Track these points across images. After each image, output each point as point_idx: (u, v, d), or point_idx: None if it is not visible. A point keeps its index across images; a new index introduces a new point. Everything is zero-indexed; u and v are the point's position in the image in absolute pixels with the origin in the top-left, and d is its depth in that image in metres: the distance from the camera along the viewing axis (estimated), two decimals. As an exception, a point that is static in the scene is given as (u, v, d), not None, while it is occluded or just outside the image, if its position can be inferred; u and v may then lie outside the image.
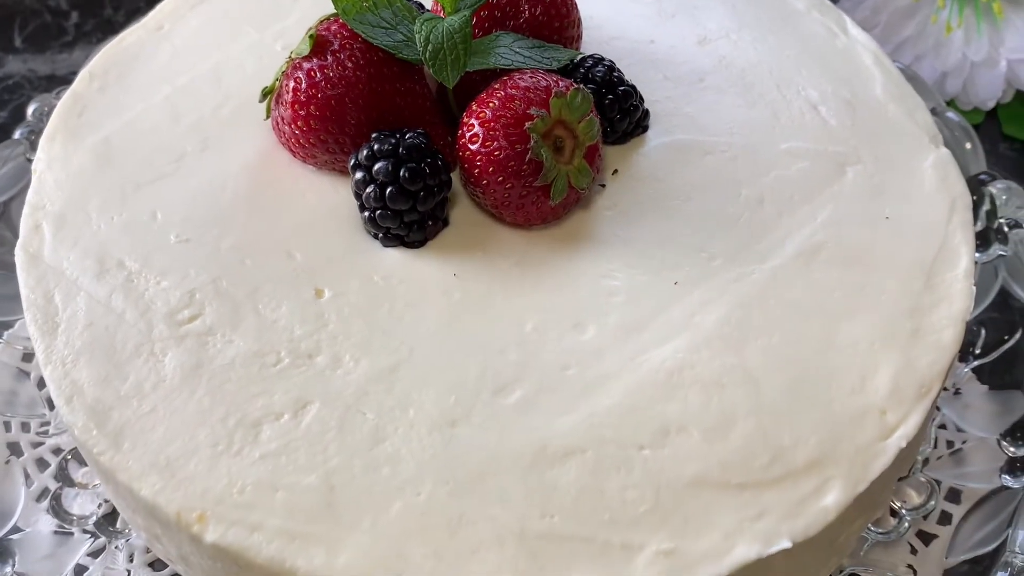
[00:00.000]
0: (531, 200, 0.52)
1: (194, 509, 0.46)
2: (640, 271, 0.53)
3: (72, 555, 0.59)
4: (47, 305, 0.53)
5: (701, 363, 0.50)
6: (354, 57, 0.53)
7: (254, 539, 0.45)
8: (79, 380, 0.50)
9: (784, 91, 0.63)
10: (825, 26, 0.68)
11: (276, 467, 0.47)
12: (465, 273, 0.53)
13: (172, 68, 0.64)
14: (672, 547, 0.45)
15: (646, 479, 0.47)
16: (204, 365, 0.50)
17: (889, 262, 0.55)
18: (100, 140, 0.60)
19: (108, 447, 0.48)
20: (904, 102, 0.63)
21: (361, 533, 0.45)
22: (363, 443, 0.47)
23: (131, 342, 0.51)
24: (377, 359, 0.50)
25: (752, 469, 0.47)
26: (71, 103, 0.62)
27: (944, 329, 0.52)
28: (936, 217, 0.57)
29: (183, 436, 0.48)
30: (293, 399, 0.49)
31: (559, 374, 0.50)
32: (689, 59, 0.64)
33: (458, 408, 0.48)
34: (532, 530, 0.45)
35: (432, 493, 0.46)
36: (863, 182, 0.58)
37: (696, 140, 0.59)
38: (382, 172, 0.52)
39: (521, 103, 0.51)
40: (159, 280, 0.53)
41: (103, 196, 0.57)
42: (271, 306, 0.52)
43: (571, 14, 0.59)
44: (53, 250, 0.55)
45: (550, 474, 0.46)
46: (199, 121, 0.60)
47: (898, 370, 0.51)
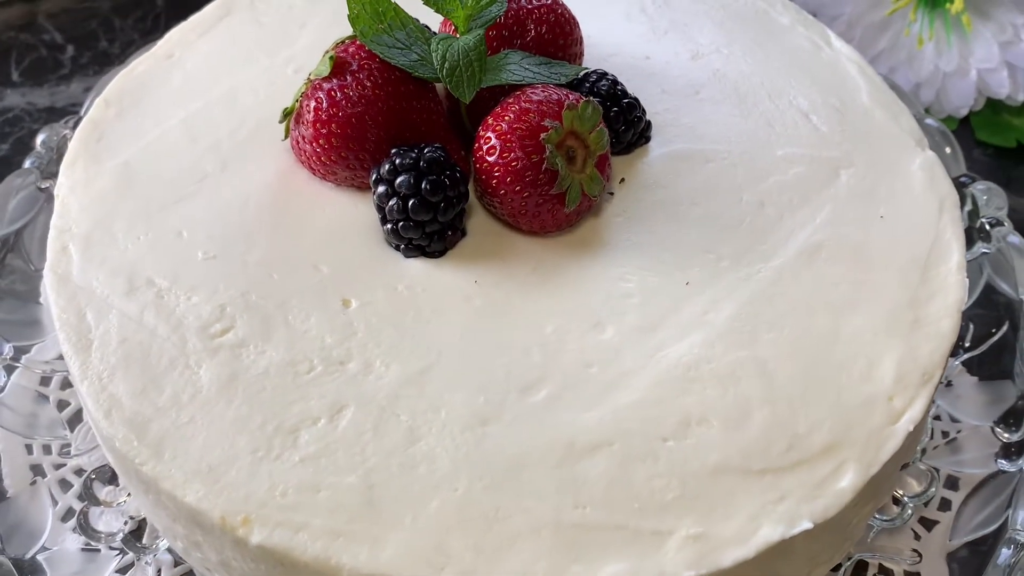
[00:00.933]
0: (547, 208, 0.55)
1: (238, 513, 0.47)
2: (652, 273, 0.56)
3: (100, 572, 0.60)
4: (79, 323, 0.54)
5: (716, 357, 0.52)
6: (372, 76, 0.56)
7: (299, 538, 0.46)
8: (116, 394, 0.51)
9: (776, 101, 0.66)
10: (809, 39, 0.71)
11: (316, 469, 0.48)
12: (485, 280, 0.55)
13: (185, 93, 0.65)
14: (701, 531, 0.47)
15: (671, 468, 0.49)
16: (239, 375, 0.52)
17: (886, 258, 0.57)
18: (120, 163, 0.61)
19: (150, 457, 0.49)
20: (889, 108, 0.66)
21: (402, 529, 0.47)
22: (399, 443, 0.49)
23: (166, 356, 0.52)
24: (407, 364, 0.52)
25: (771, 455, 0.49)
26: (90, 129, 0.63)
27: (942, 319, 0.55)
28: (927, 215, 0.60)
29: (223, 444, 0.49)
30: (328, 404, 0.50)
31: (582, 372, 0.52)
32: (684, 73, 0.67)
33: (488, 407, 0.50)
34: (566, 521, 0.47)
35: (468, 488, 0.48)
36: (856, 184, 0.61)
37: (696, 149, 0.62)
38: (404, 185, 0.54)
39: (535, 115, 0.54)
40: (189, 296, 0.55)
41: (128, 217, 0.58)
42: (300, 317, 0.54)
43: (574, 32, 0.62)
44: (82, 270, 0.56)
45: (580, 467, 0.49)
46: (217, 143, 0.62)
47: (902, 358, 0.53)
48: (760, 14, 0.73)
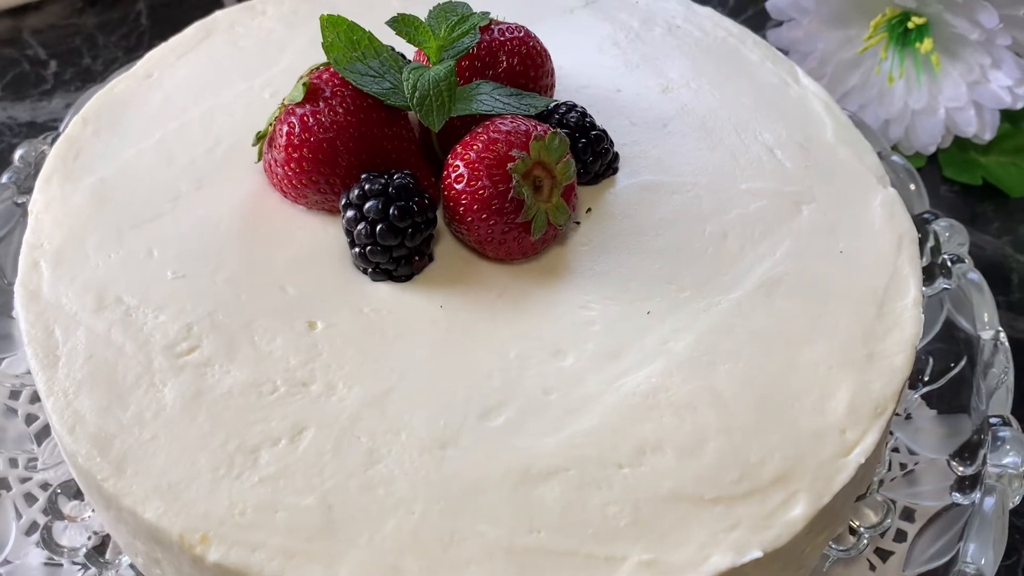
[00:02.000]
0: (512, 236, 0.56)
1: (197, 531, 0.48)
2: (615, 302, 0.57)
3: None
4: (47, 339, 0.55)
5: (674, 386, 0.53)
6: (345, 103, 0.57)
7: (256, 557, 0.47)
8: (81, 410, 0.52)
9: (742, 135, 0.67)
10: (778, 75, 0.72)
11: (275, 489, 0.49)
12: (451, 304, 0.56)
13: (164, 113, 0.66)
14: (652, 558, 0.48)
15: (625, 495, 0.50)
16: (203, 394, 0.52)
17: (844, 292, 0.59)
18: (96, 181, 0.62)
19: (111, 473, 0.50)
20: (853, 145, 0.68)
21: (359, 549, 0.47)
22: (358, 465, 0.50)
23: (131, 373, 0.53)
24: (369, 385, 0.53)
25: (723, 484, 0.50)
26: (66, 146, 0.64)
27: (896, 354, 0.56)
28: (886, 251, 0.61)
29: (184, 461, 0.50)
30: (290, 425, 0.51)
31: (542, 398, 0.53)
32: (653, 106, 0.68)
33: (447, 431, 0.51)
34: (520, 545, 0.48)
35: (425, 511, 0.48)
36: (818, 219, 0.62)
37: (662, 181, 0.63)
38: (372, 210, 0.55)
39: (503, 145, 0.55)
40: (156, 314, 0.55)
41: (100, 234, 0.59)
42: (266, 338, 0.54)
43: (545, 64, 0.63)
44: (52, 286, 0.57)
45: (536, 492, 0.49)
46: (192, 163, 0.63)
47: (855, 391, 0.54)
48: (731, 50, 0.74)
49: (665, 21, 0.76)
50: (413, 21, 0.57)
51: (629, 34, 0.74)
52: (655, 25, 0.76)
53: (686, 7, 0.78)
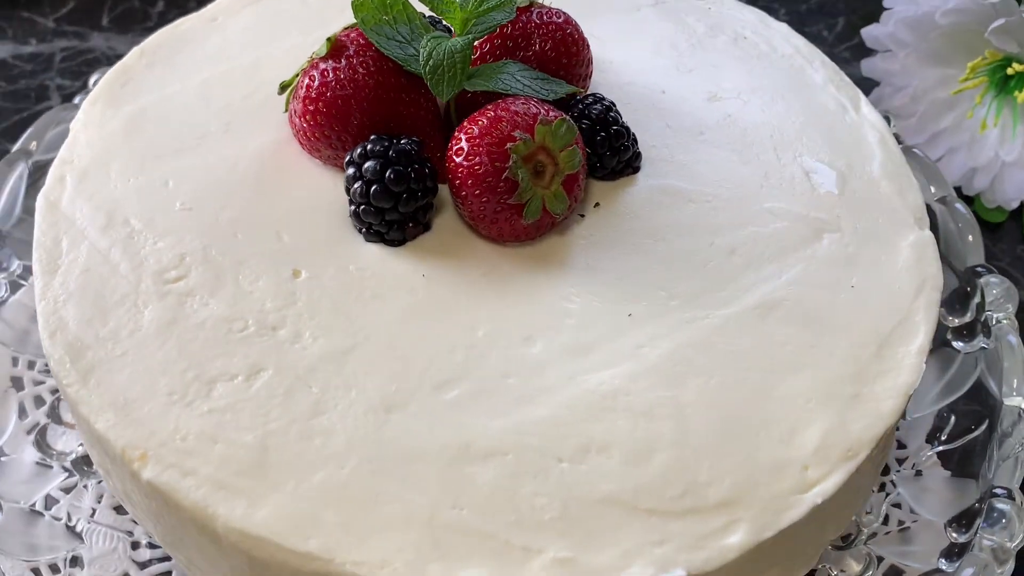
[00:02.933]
0: (504, 216, 0.56)
1: (138, 448, 0.50)
2: (599, 299, 0.56)
3: (45, 486, 0.63)
4: (54, 248, 0.58)
5: (636, 392, 0.52)
6: (365, 64, 0.57)
7: (185, 483, 0.48)
8: (65, 318, 0.54)
9: (780, 154, 0.65)
10: (838, 100, 0.69)
11: (220, 422, 0.50)
12: (434, 275, 0.56)
13: (215, 56, 0.69)
14: (570, 556, 0.47)
15: (558, 490, 0.49)
16: (178, 322, 0.54)
17: (845, 327, 0.56)
18: (135, 110, 0.65)
19: (76, 381, 0.52)
20: (897, 181, 0.64)
21: (283, 494, 0.48)
22: (303, 413, 0.51)
23: (119, 292, 0.55)
24: (334, 340, 0.53)
25: (663, 497, 0.49)
26: (118, 74, 0.67)
27: (885, 399, 0.54)
28: (903, 293, 0.58)
29: (144, 381, 0.52)
30: (249, 364, 0.52)
31: (499, 380, 0.52)
32: (694, 112, 0.67)
33: (397, 396, 0.51)
34: (440, 519, 0.48)
35: (356, 469, 0.49)
36: (837, 250, 0.60)
37: (682, 187, 0.62)
38: (370, 171, 0.55)
39: (508, 124, 0.55)
40: (156, 241, 0.57)
41: (125, 159, 0.62)
42: (251, 278, 0.56)
43: (580, 53, 0.62)
44: (71, 201, 0.60)
45: (469, 470, 0.49)
46: (227, 106, 0.65)
47: (829, 429, 0.52)
48: (795, 69, 0.72)
49: (733, 30, 0.74)
50: (432, -11, 0.57)
51: (691, 38, 0.73)
52: (721, 33, 0.74)
53: (760, 20, 0.76)
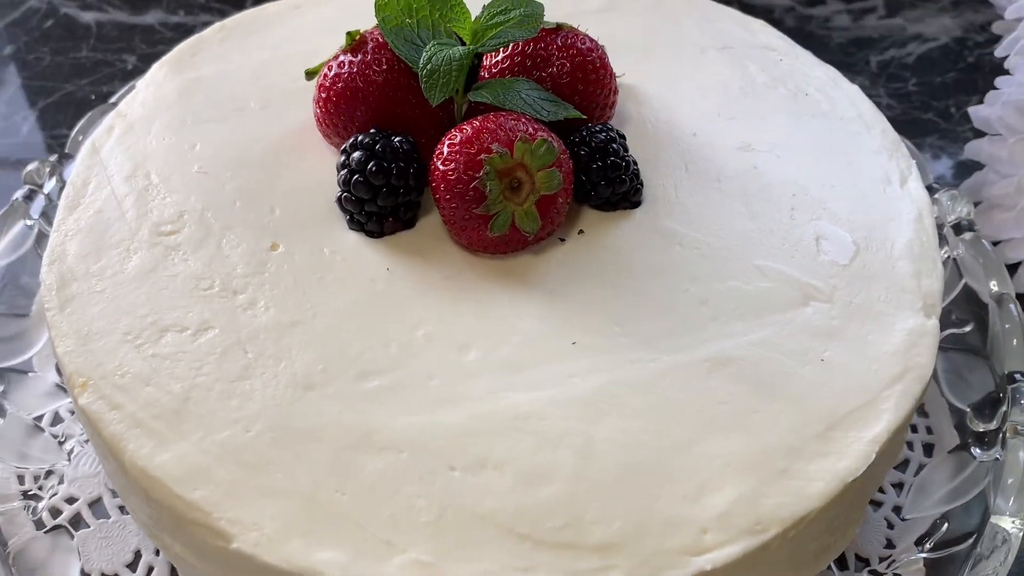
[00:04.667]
0: (472, 225, 0.56)
1: (82, 375, 0.54)
2: (548, 323, 0.55)
3: (54, 403, 0.69)
4: (82, 187, 0.63)
5: (551, 418, 0.52)
6: (378, 61, 0.60)
7: (109, 415, 0.52)
8: (67, 250, 0.60)
9: (797, 215, 0.62)
10: (885, 171, 0.66)
11: (157, 367, 0.54)
12: (398, 270, 0.58)
13: (283, 41, 0.73)
14: (430, 562, 0.47)
15: (441, 496, 0.49)
16: (156, 271, 0.58)
17: (797, 399, 0.53)
18: (194, 77, 0.70)
19: (55, 305, 0.57)
20: (918, 263, 0.60)
21: (188, 443, 0.51)
22: (230, 374, 0.53)
23: (118, 235, 0.60)
24: (284, 312, 0.56)
25: (541, 526, 0.48)
26: (193, 43, 0.73)
27: (815, 480, 0.50)
28: (876, 376, 0.55)
29: (109, 318, 0.56)
30: (201, 320, 0.56)
31: (422, 380, 0.53)
32: (719, 159, 0.65)
33: (320, 376, 0.53)
34: (320, 498, 0.49)
35: (258, 435, 0.51)
36: (819, 320, 0.57)
37: (677, 230, 0.61)
38: (355, 161, 0.58)
39: (489, 137, 0.55)
40: (166, 196, 0.62)
41: (168, 120, 0.67)
42: (233, 243, 0.59)
43: (600, 81, 0.62)
44: (110, 149, 0.65)
45: (362, 459, 0.50)
46: (271, 87, 0.69)
47: (742, 498, 0.50)
48: (850, 132, 0.69)
49: (796, 85, 0.72)
50: (451, 1, 0.59)
51: (746, 86, 0.71)
52: (782, 85, 0.71)
53: (831, 79, 0.73)
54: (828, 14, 1.09)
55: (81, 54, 1.03)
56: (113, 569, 0.62)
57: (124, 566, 0.63)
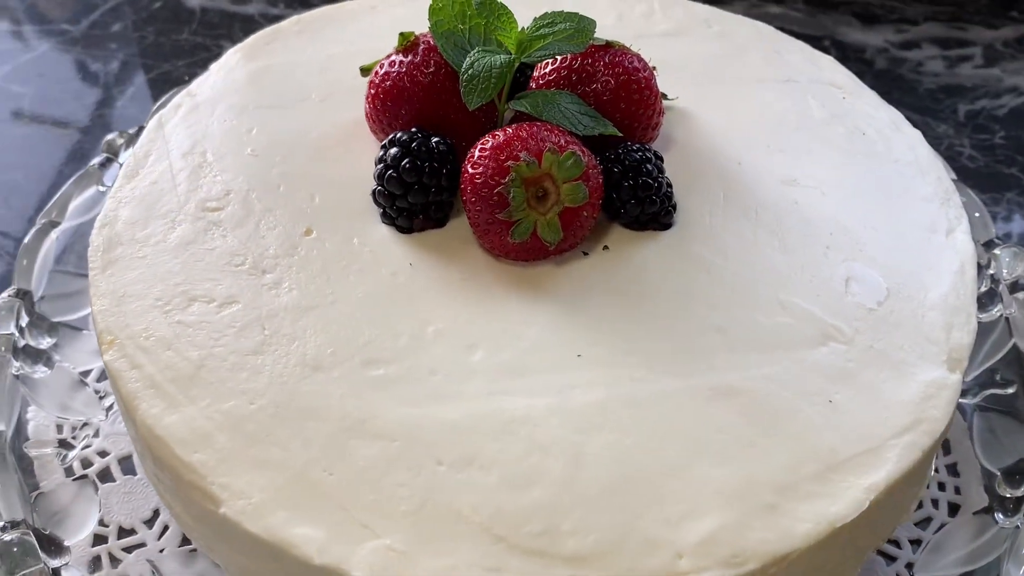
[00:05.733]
0: (495, 230, 0.57)
1: (111, 334, 0.57)
2: (557, 333, 0.56)
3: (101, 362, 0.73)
4: (143, 159, 0.67)
5: (545, 426, 0.52)
6: (427, 63, 0.62)
7: (129, 374, 0.55)
8: (119, 216, 0.63)
9: (831, 253, 0.61)
10: (932, 218, 0.64)
11: (180, 334, 0.56)
12: (420, 266, 0.59)
13: (355, 37, 0.76)
14: (403, 550, 0.48)
15: (424, 488, 0.50)
16: (195, 244, 0.61)
17: (797, 437, 0.52)
18: (264, 65, 0.73)
19: (98, 266, 0.60)
20: (951, 316, 0.59)
21: (195, 408, 0.53)
22: (246, 347, 0.55)
23: (168, 206, 0.63)
24: (305, 296, 0.58)
25: (518, 530, 0.49)
26: (269, 33, 0.76)
27: (803, 522, 0.50)
28: (885, 424, 0.53)
29: (144, 283, 0.59)
30: (228, 294, 0.58)
31: (425, 374, 0.54)
32: (760, 190, 0.65)
33: (329, 359, 0.55)
34: (309, 475, 0.51)
35: (261, 408, 0.53)
36: (834, 361, 0.56)
37: (703, 256, 0.60)
38: (391, 157, 0.59)
39: (519, 144, 0.56)
40: (217, 174, 0.65)
41: (231, 103, 0.70)
42: (270, 225, 0.62)
43: (644, 101, 0.62)
44: (174, 127, 0.69)
45: (354, 443, 0.52)
46: (336, 80, 0.71)
47: (723, 527, 0.49)
48: (905, 177, 0.67)
49: (855, 124, 0.71)
50: (499, 9, 0.60)
51: (803, 120, 0.70)
52: (840, 123, 0.70)
53: (893, 121, 0.72)
54: (922, 59, 1.07)
55: (182, 36, 1.08)
56: (131, 523, 0.65)
57: (142, 522, 0.66)
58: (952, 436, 0.71)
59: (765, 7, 1.12)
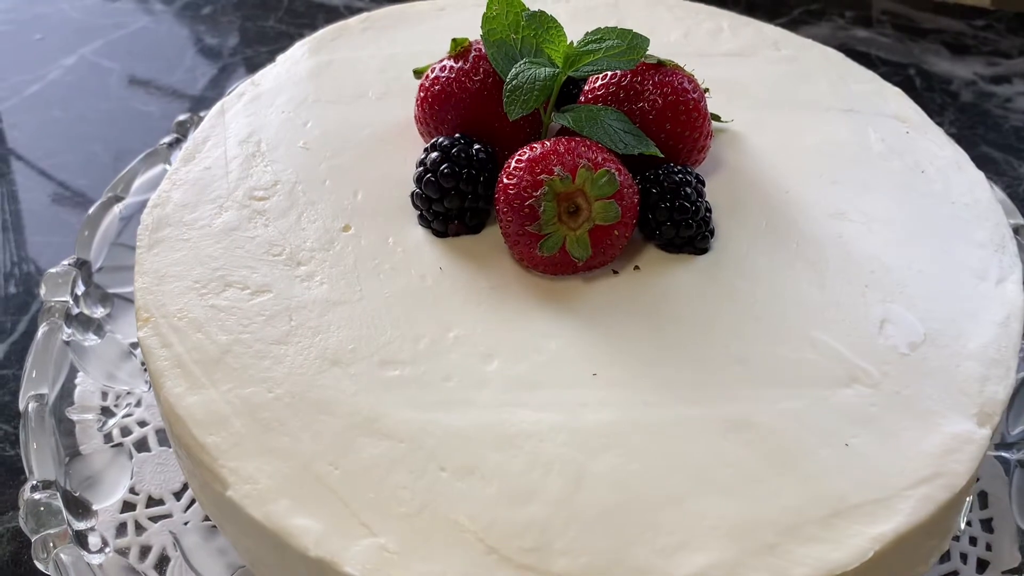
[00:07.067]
0: (524, 241, 0.58)
1: (148, 311, 0.59)
2: (576, 349, 0.56)
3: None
4: (201, 144, 0.69)
5: (551, 442, 0.52)
6: (476, 70, 0.62)
7: (160, 352, 0.57)
8: (172, 198, 0.65)
9: (868, 295, 0.60)
10: (984, 266, 0.62)
11: (211, 318, 0.58)
12: (449, 271, 0.60)
13: (419, 38, 0.77)
14: (396, 551, 0.49)
15: (424, 492, 0.51)
16: (238, 230, 0.63)
17: (806, 479, 0.51)
18: (328, 60, 0.75)
19: (145, 244, 0.63)
20: (989, 369, 0.57)
21: (216, 391, 0.55)
22: (271, 336, 0.57)
23: (217, 192, 0.65)
24: (335, 290, 0.59)
25: (510, 544, 0.49)
26: (336, 29, 0.78)
27: (800, 566, 0.49)
28: (900, 474, 0.52)
29: (186, 264, 0.61)
30: (263, 283, 0.60)
31: (439, 379, 0.55)
32: (804, 222, 0.63)
33: (348, 355, 0.56)
34: (315, 467, 0.52)
35: (278, 397, 0.54)
36: (856, 404, 0.55)
37: (736, 285, 0.60)
38: (430, 161, 0.60)
39: (556, 159, 0.57)
40: (268, 164, 0.67)
41: (291, 95, 0.72)
42: (312, 218, 0.63)
43: (692, 122, 0.62)
44: (234, 116, 0.71)
45: (362, 440, 0.52)
46: (395, 79, 0.73)
47: (719, 564, 0.48)
48: (959, 220, 0.65)
49: (915, 160, 0.69)
50: (549, 22, 0.60)
51: (860, 153, 0.69)
52: (899, 158, 0.69)
53: (956, 161, 0.69)
54: (1011, 94, 1.03)
55: (268, 23, 1.11)
56: (160, 494, 0.68)
57: (171, 493, 0.68)
58: (991, 491, 0.69)
59: (853, 30, 1.10)
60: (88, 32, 1.09)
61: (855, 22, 1.10)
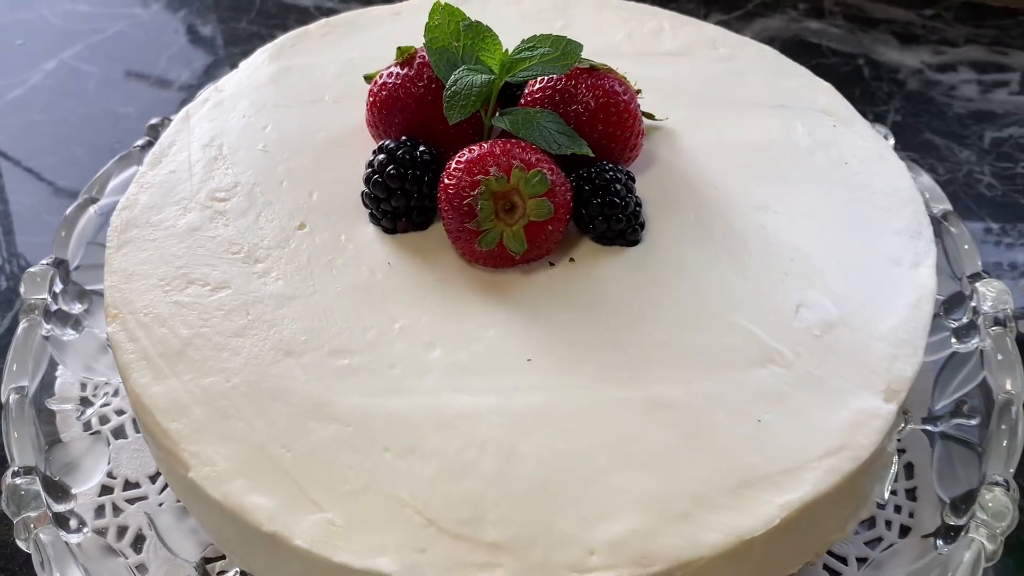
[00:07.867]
0: (465, 237, 0.62)
1: (116, 307, 0.63)
2: (512, 337, 0.60)
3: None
4: (167, 148, 0.73)
5: (486, 423, 0.57)
6: (420, 76, 0.66)
7: (127, 346, 0.61)
8: (139, 201, 0.70)
9: (787, 281, 0.64)
10: (899, 252, 0.67)
11: (174, 313, 0.62)
12: (398, 266, 0.64)
13: (375, 42, 0.81)
14: (340, 525, 0.53)
15: (368, 472, 0.55)
16: (200, 231, 0.67)
17: (719, 453, 0.56)
18: (287, 65, 0.79)
19: (114, 245, 0.67)
20: (898, 348, 0.61)
21: (177, 381, 0.59)
22: (230, 329, 0.61)
23: (181, 194, 0.69)
24: (289, 285, 0.63)
25: (447, 516, 0.53)
26: (296, 35, 0.82)
27: (711, 532, 0.53)
28: (808, 447, 0.56)
29: (152, 264, 0.65)
30: (221, 279, 0.64)
31: (385, 367, 0.59)
32: (729, 215, 0.68)
33: (301, 346, 0.60)
34: (268, 450, 0.56)
35: (235, 387, 0.59)
36: (769, 384, 0.59)
37: (662, 275, 0.64)
38: (377, 164, 0.64)
39: (491, 160, 0.61)
40: (229, 167, 0.71)
41: (251, 100, 0.76)
42: (269, 217, 0.67)
43: (623, 124, 0.66)
44: (198, 121, 0.75)
45: (312, 425, 0.57)
46: (350, 85, 0.77)
47: (636, 531, 0.53)
48: (878, 209, 0.70)
49: (839, 154, 0.73)
50: (484, 32, 0.64)
51: (788, 147, 0.73)
52: (823, 152, 0.73)
53: (879, 153, 0.74)
54: (956, 82, 1.07)
55: (240, 25, 1.15)
56: (136, 477, 0.72)
57: (147, 477, 0.72)
58: (916, 461, 0.73)
59: (806, 22, 1.14)
60: (68, 37, 1.13)
61: (808, 14, 1.14)
